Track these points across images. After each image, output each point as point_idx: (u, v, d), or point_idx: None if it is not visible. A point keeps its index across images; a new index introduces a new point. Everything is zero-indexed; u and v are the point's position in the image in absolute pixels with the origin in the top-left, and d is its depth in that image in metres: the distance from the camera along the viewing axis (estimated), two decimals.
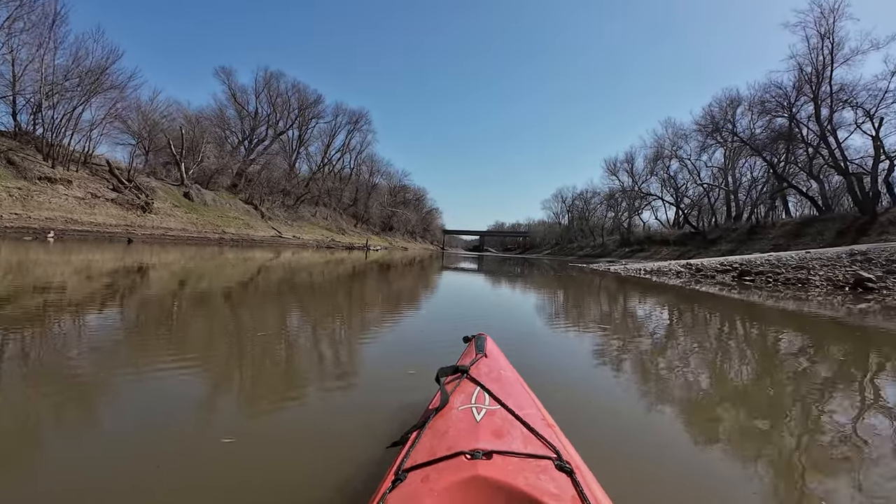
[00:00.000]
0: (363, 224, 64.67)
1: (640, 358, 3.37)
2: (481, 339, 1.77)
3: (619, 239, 61.61)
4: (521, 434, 1.03)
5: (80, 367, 2.33)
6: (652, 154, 51.73)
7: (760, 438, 1.90)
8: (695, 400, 2.41)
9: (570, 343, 3.99)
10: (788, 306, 7.08)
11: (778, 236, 30.76)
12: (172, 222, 22.78)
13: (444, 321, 4.91)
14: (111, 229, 17.95)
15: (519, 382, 1.45)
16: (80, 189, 18.98)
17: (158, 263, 9.59)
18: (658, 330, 4.84)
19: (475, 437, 0.99)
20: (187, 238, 21.99)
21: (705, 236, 42.15)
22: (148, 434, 1.60)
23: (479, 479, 0.84)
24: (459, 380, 1.36)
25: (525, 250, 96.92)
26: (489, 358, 1.59)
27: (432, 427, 1.10)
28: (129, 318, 3.79)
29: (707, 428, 2.02)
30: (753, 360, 3.54)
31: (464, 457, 0.90)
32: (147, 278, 6.92)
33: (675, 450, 1.77)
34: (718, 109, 38.77)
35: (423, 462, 0.92)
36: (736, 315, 6.10)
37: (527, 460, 0.91)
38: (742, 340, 4.42)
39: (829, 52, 27.34)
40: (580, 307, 6.70)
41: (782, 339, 4.55)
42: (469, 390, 1.27)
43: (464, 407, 1.17)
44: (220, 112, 45.53)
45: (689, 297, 8.34)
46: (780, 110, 32.39)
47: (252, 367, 2.58)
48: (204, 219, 26.37)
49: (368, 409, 1.97)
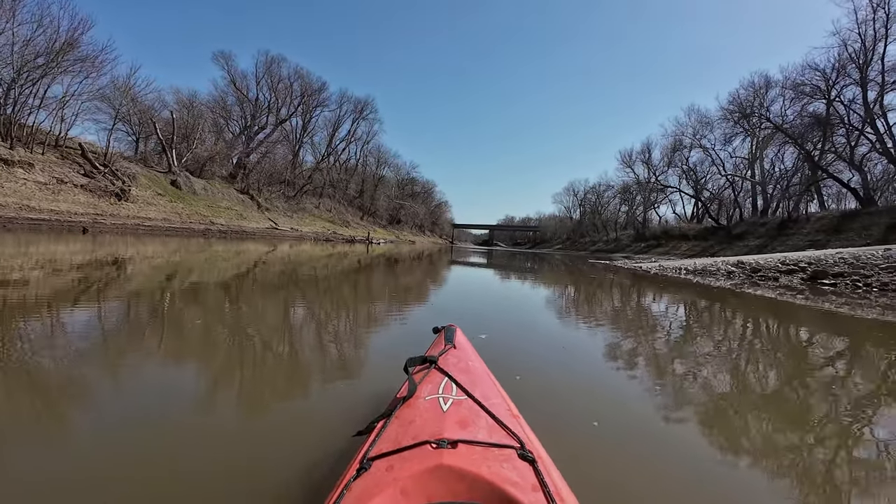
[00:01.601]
0: (370, 217, 62.76)
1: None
2: (451, 330, 1.78)
3: (634, 234, 59.56)
4: (487, 424, 1.04)
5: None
6: (671, 144, 49.09)
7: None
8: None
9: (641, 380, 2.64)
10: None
11: (814, 231, 28.10)
12: (152, 211, 20.87)
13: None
14: (76, 218, 16.09)
15: (486, 374, 1.46)
16: (43, 173, 17.12)
17: (103, 259, 7.59)
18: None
19: (441, 427, 1.00)
20: (167, 229, 20.11)
21: (729, 231, 39.49)
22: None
23: (443, 467, 0.85)
24: (428, 370, 1.36)
25: (535, 245, 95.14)
26: (458, 349, 1.61)
27: (399, 416, 1.10)
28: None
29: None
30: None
31: (429, 446, 0.92)
32: (74, 278, 5.07)
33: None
34: (746, 94, 35.96)
35: (388, 451, 0.93)
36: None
37: (491, 449, 0.93)
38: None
39: (883, 25, 24.47)
40: (633, 326, 4.58)
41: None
42: (437, 380, 1.28)
43: (431, 397, 1.18)
44: (220, 99, 43.59)
45: (785, 310, 6.15)
46: (818, 94, 29.64)
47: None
48: (191, 208, 24.48)
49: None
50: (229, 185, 34.11)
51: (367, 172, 66.23)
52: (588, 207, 78.28)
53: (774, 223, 34.16)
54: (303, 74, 48.35)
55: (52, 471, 1.27)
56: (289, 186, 45.30)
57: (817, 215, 30.92)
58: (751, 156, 39.65)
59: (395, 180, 75.10)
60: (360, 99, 56.78)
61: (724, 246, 36.54)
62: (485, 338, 3.17)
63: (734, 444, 1.78)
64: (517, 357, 2.86)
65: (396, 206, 72.26)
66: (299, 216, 40.99)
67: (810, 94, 29.84)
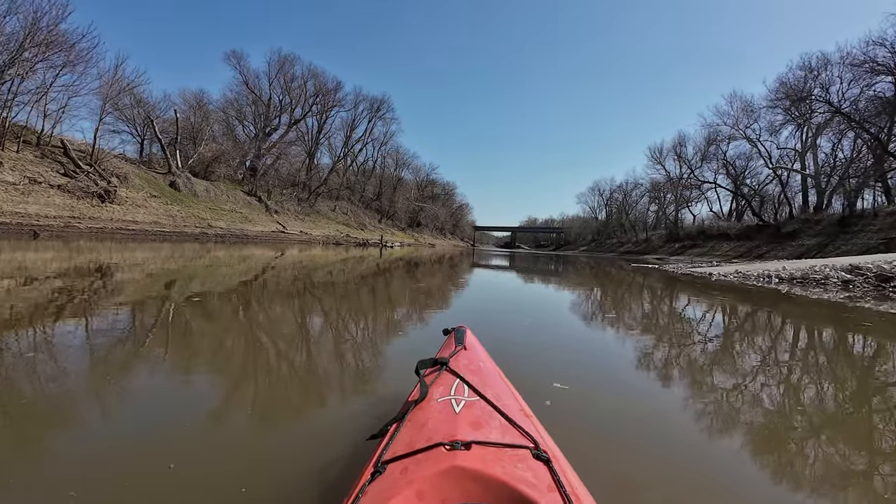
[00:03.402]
0: (388, 219, 60.92)
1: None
2: (461, 331, 1.76)
3: (666, 234, 56.27)
4: (500, 424, 1.03)
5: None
6: (706, 136, 45.46)
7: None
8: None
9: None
10: None
11: (888, 228, 24.49)
12: (141, 214, 19.14)
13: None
14: (46, 221, 14.39)
15: (498, 374, 1.46)
16: (13, 172, 15.50)
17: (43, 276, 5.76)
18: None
19: (454, 429, 0.99)
20: (156, 233, 18.34)
21: (778, 229, 35.75)
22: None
23: (457, 469, 0.84)
24: (439, 372, 1.35)
25: (559, 247, 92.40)
26: (468, 350, 1.59)
27: (412, 419, 1.10)
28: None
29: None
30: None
31: (442, 448, 0.91)
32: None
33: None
34: (797, 78, 32.22)
35: (402, 454, 0.93)
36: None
37: (505, 450, 0.92)
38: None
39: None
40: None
41: None
42: (448, 382, 1.27)
43: (443, 399, 1.17)
44: (234, 101, 42.33)
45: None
46: (886, 72, 26.02)
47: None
48: (188, 211, 22.76)
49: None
50: (237, 186, 32.49)
51: (385, 174, 64.38)
52: (615, 207, 75.00)
53: (833, 220, 30.43)
54: (316, 73, 46.79)
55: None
56: (303, 189, 43.66)
57: (886, 209, 27.16)
58: (803, 146, 35.83)
59: (414, 182, 73.20)
60: (376, 98, 54.85)
61: (774, 246, 32.93)
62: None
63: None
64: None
65: (416, 209, 70.28)
66: (312, 219, 39.27)
67: (878, 72, 26.20)
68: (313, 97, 47.01)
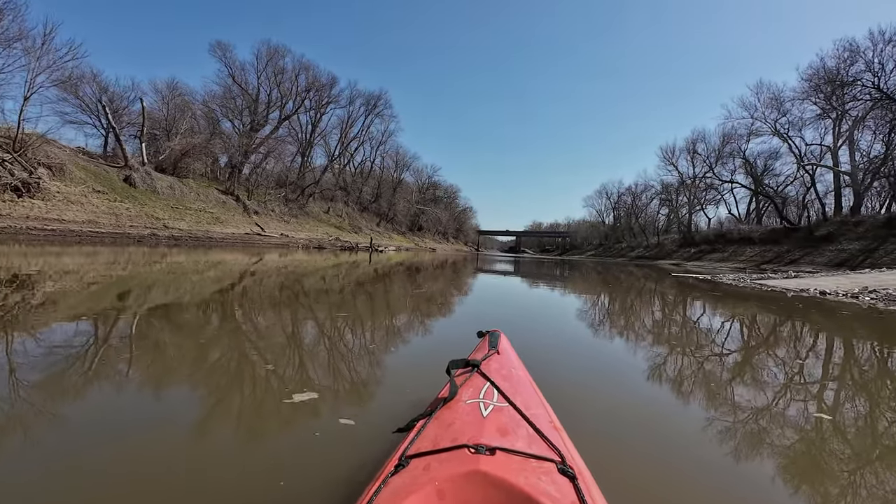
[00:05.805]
0: (387, 223, 57.93)
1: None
2: (495, 335, 1.70)
3: (680, 238, 52.91)
4: (527, 434, 1.01)
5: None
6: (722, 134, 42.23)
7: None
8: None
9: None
10: None
11: None
12: (71, 212, 16.23)
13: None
14: None
15: (529, 382, 1.42)
16: None
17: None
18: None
19: (480, 432, 0.97)
20: (85, 234, 15.36)
21: (810, 232, 32.28)
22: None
23: (479, 473, 0.82)
24: (470, 374, 1.33)
25: (564, 251, 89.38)
26: (501, 355, 1.55)
27: (438, 417, 1.09)
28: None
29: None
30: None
31: (467, 450, 0.90)
32: None
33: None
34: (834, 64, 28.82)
35: (426, 451, 0.93)
36: None
37: (529, 460, 0.90)
38: None
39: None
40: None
41: None
42: (478, 385, 1.25)
43: (471, 401, 1.15)
44: (220, 94, 39.45)
45: None
46: None
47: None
48: (141, 209, 19.86)
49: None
50: (211, 184, 29.57)
51: (384, 176, 61.46)
52: (623, 210, 71.65)
53: (878, 221, 27.00)
54: (308, 66, 43.80)
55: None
56: (293, 189, 40.74)
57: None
58: (834, 141, 32.42)
59: (415, 185, 70.19)
60: (373, 94, 51.89)
61: (808, 251, 29.49)
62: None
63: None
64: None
65: (417, 212, 67.25)
66: (299, 221, 36.31)
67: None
68: (305, 92, 44.10)
